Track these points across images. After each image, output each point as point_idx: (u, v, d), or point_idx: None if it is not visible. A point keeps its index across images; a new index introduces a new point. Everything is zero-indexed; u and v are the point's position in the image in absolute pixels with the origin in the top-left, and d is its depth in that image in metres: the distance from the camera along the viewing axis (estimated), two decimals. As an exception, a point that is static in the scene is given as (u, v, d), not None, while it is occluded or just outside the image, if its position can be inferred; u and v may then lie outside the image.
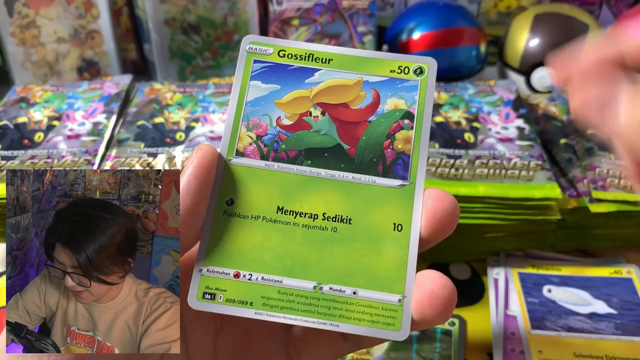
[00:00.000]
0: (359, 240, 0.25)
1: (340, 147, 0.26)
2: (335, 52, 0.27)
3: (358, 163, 0.26)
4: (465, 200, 0.43)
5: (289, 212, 0.25)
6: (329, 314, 0.24)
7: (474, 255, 0.47)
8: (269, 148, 0.26)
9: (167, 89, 0.57)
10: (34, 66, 0.67)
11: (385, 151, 0.26)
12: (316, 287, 0.24)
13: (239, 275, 0.24)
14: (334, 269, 0.24)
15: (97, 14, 0.65)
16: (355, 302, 0.24)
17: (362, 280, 0.24)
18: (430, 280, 0.23)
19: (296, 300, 0.24)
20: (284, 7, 0.65)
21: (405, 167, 0.26)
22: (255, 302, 0.24)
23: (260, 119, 0.26)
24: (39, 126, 0.52)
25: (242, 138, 0.26)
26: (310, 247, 0.25)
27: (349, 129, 0.26)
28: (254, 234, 0.25)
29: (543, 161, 0.46)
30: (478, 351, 0.40)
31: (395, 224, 0.25)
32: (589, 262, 0.46)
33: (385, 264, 0.24)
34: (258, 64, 0.27)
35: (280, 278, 0.24)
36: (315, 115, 0.26)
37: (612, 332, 0.40)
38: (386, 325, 0.24)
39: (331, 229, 0.25)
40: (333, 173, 0.25)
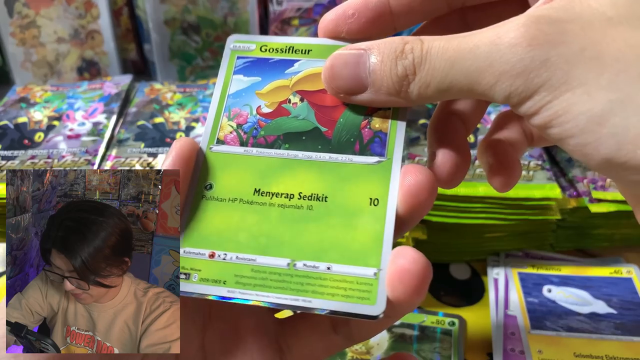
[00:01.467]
0: (335, 216, 0.25)
1: (317, 130, 0.26)
2: (314, 42, 0.27)
3: (335, 143, 0.26)
4: (465, 200, 0.43)
5: (266, 193, 0.25)
6: (301, 290, 0.24)
7: (474, 255, 0.47)
8: (248, 135, 0.26)
9: (167, 89, 0.57)
10: (34, 66, 0.67)
11: (363, 131, 0.26)
12: (290, 263, 0.24)
13: (214, 255, 0.25)
14: (309, 245, 0.24)
15: (97, 14, 0.65)
16: (329, 277, 0.24)
17: (337, 255, 0.24)
18: (402, 256, 0.22)
19: (269, 278, 0.24)
20: (284, 7, 0.65)
21: (382, 144, 0.26)
22: (229, 281, 0.24)
23: (241, 109, 0.27)
24: (39, 126, 0.52)
25: (223, 127, 0.27)
26: (285, 226, 0.25)
27: (326, 112, 0.27)
28: (230, 216, 0.25)
29: (543, 161, 0.46)
30: (478, 351, 0.40)
31: (372, 199, 0.25)
32: (589, 262, 0.46)
33: (361, 238, 0.24)
34: (241, 59, 0.28)
35: (254, 257, 0.25)
36: (294, 102, 0.27)
37: (612, 332, 0.40)
38: (360, 300, 0.23)
39: (307, 207, 0.25)
40: (310, 154, 0.26)
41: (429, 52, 0.22)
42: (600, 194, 0.44)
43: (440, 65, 0.22)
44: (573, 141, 0.20)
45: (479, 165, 0.45)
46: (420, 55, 0.22)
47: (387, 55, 0.23)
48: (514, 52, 0.20)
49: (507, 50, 0.20)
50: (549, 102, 0.20)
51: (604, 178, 0.45)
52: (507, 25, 0.21)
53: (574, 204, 0.45)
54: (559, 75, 0.20)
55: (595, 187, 0.44)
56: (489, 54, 0.21)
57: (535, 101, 0.20)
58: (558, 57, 0.20)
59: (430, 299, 0.44)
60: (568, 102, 0.20)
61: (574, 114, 0.20)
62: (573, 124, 0.20)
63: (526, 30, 0.20)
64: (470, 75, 0.21)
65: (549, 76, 0.20)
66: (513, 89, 0.21)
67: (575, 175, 0.47)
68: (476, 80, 0.21)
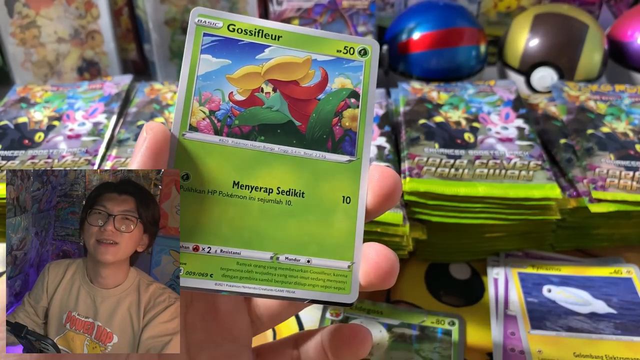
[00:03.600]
0: (312, 213, 0.26)
1: (292, 123, 0.27)
2: (284, 29, 0.27)
3: (309, 139, 0.27)
4: (465, 200, 0.43)
5: (245, 186, 0.26)
6: (285, 281, 0.26)
7: (474, 255, 0.47)
8: (222, 123, 0.26)
9: (168, 89, 0.57)
10: (34, 66, 0.67)
11: (334, 128, 0.27)
12: (273, 257, 0.26)
13: (198, 248, 0.26)
14: (289, 239, 0.26)
15: (97, 14, 0.65)
16: (309, 269, 0.26)
17: (315, 249, 0.26)
18: (375, 253, 0.26)
19: (254, 270, 0.26)
20: (284, 7, 0.65)
21: (352, 143, 0.27)
22: (215, 274, 0.25)
23: (213, 94, 0.27)
24: (39, 126, 0.52)
25: (194, 112, 0.26)
26: (266, 220, 0.26)
27: (299, 106, 0.27)
28: (211, 208, 0.26)
29: (543, 161, 0.46)
30: (478, 351, 0.40)
31: (345, 197, 0.27)
32: (589, 262, 0.46)
33: (336, 233, 0.26)
34: (208, 37, 0.27)
35: (238, 250, 0.26)
36: (267, 91, 0.27)
37: (611, 331, 0.40)
38: (337, 290, 0.26)
39: (286, 202, 0.26)
40: (286, 149, 0.27)
41: None
42: (600, 194, 0.44)
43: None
44: None
45: (479, 165, 0.45)
46: None
47: None
48: None
49: None
50: None
51: (603, 178, 0.45)
52: None
53: (573, 204, 0.45)
54: None
55: (595, 187, 0.44)
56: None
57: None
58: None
59: (430, 299, 0.44)
60: None
61: None
62: None
63: None
64: None
65: None
66: None
67: (575, 175, 0.47)
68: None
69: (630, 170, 0.46)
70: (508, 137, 0.49)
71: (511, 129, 0.50)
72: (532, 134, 0.49)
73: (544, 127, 0.52)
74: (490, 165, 0.45)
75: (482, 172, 0.45)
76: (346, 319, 0.42)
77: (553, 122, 0.52)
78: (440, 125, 0.50)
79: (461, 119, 0.51)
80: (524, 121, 0.50)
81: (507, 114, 0.51)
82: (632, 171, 0.45)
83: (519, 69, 0.63)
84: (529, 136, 0.49)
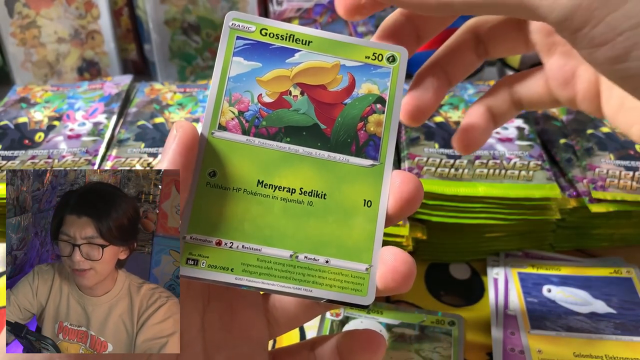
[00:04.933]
0: (333, 214, 0.27)
1: (317, 126, 0.27)
2: (314, 34, 0.28)
3: (334, 142, 0.27)
4: (465, 200, 0.43)
5: (269, 185, 0.27)
6: (303, 280, 0.26)
7: (473, 255, 0.47)
8: (250, 124, 0.27)
9: (168, 89, 0.57)
10: (35, 66, 0.67)
11: (359, 132, 0.27)
12: (292, 255, 0.26)
13: (221, 243, 0.26)
14: (309, 239, 0.27)
15: (97, 14, 0.65)
16: (328, 269, 0.26)
17: (334, 250, 0.27)
18: (393, 257, 0.26)
19: (274, 267, 0.26)
20: (284, 8, 0.65)
21: (376, 148, 0.27)
22: (236, 268, 0.26)
23: (242, 95, 0.27)
24: (39, 126, 0.52)
25: (224, 112, 0.27)
26: (287, 219, 0.27)
27: (326, 109, 0.28)
28: (235, 205, 0.26)
29: (543, 161, 0.46)
30: (478, 351, 0.40)
31: (366, 200, 0.27)
32: (589, 262, 0.46)
33: (355, 236, 0.27)
34: (240, 40, 0.28)
35: (259, 247, 0.26)
36: (295, 94, 0.28)
37: (611, 331, 0.40)
38: (354, 291, 0.26)
39: (307, 202, 0.27)
40: (310, 151, 0.27)
41: None
42: (600, 194, 0.44)
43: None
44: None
45: (478, 165, 0.45)
46: None
47: None
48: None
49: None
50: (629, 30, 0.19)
51: (603, 178, 0.45)
52: None
53: (573, 204, 0.45)
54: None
55: (595, 187, 0.44)
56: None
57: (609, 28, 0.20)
58: None
59: (430, 299, 0.44)
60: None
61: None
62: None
63: None
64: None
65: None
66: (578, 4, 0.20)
67: (575, 175, 0.47)
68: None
69: (630, 170, 0.46)
70: (508, 137, 0.49)
71: (511, 129, 0.50)
72: (532, 134, 0.49)
73: (544, 127, 0.52)
74: (490, 165, 0.45)
75: (482, 172, 0.45)
76: (346, 318, 0.42)
77: (553, 122, 0.52)
78: (440, 125, 0.50)
79: (461, 119, 0.51)
80: (523, 121, 0.50)
81: (507, 114, 0.51)
82: (631, 171, 0.45)
83: (519, 69, 0.63)
84: (529, 136, 0.49)
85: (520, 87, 0.32)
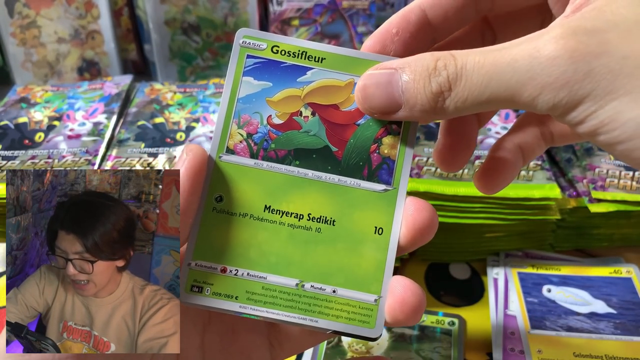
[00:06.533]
0: (341, 241, 0.26)
1: (328, 148, 0.26)
2: (328, 51, 0.27)
3: (345, 166, 0.26)
4: (465, 200, 0.43)
5: (276, 211, 0.26)
6: (309, 310, 0.25)
7: (473, 255, 0.47)
8: (258, 147, 0.26)
9: (168, 89, 0.57)
10: (35, 66, 0.67)
11: (372, 155, 0.26)
12: (298, 284, 0.25)
13: (226, 270, 0.25)
14: (316, 267, 0.26)
15: (97, 14, 0.65)
16: (334, 300, 0.25)
17: (342, 279, 0.26)
18: (402, 288, 0.25)
19: (279, 297, 0.25)
20: (284, 8, 0.65)
21: (389, 172, 0.26)
22: (240, 297, 0.25)
23: (252, 117, 0.26)
24: (39, 126, 0.52)
25: (232, 135, 0.26)
26: (294, 246, 0.26)
27: (337, 131, 0.26)
28: (242, 231, 0.26)
29: (542, 161, 0.46)
30: (478, 351, 0.40)
31: (377, 228, 0.26)
32: (589, 262, 0.46)
33: (364, 265, 0.26)
34: (251, 59, 0.27)
35: (264, 274, 0.25)
36: (306, 115, 0.27)
37: (611, 331, 0.40)
38: (362, 323, 0.25)
39: (315, 229, 0.26)
40: (320, 174, 0.26)
41: (464, 67, 0.22)
42: (599, 194, 0.44)
43: (477, 80, 0.22)
44: (621, 147, 0.21)
45: (479, 165, 0.45)
46: (455, 71, 0.22)
47: (419, 73, 0.23)
48: (555, 65, 0.20)
49: (548, 63, 0.20)
50: (595, 111, 0.20)
51: (603, 178, 0.45)
52: (544, 38, 0.21)
53: (573, 204, 0.45)
54: (603, 85, 0.20)
55: (595, 187, 0.44)
56: (529, 67, 0.21)
57: (580, 111, 0.21)
58: (601, 67, 0.20)
59: (430, 299, 0.45)
60: (615, 110, 0.20)
61: (621, 122, 0.20)
62: (621, 130, 0.20)
63: (565, 43, 0.20)
64: (511, 88, 0.21)
65: (594, 87, 0.20)
66: (557, 101, 0.21)
67: (574, 175, 0.47)
68: (518, 93, 0.21)
69: (630, 170, 0.46)
70: (508, 137, 0.49)
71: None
72: (532, 134, 0.49)
73: (544, 127, 0.52)
74: (490, 165, 0.45)
75: (482, 172, 0.45)
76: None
77: (553, 122, 0.52)
78: (440, 125, 0.50)
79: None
80: (523, 121, 0.50)
81: (507, 114, 0.51)
82: (631, 171, 0.45)
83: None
84: (529, 136, 0.49)
85: (550, 120, 0.30)
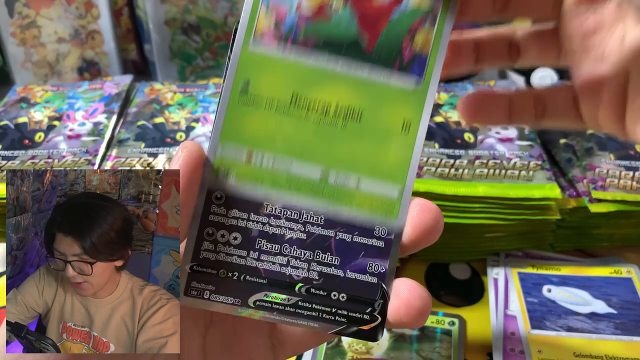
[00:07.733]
0: (367, 137, 0.25)
1: (358, 41, 0.25)
2: None
3: (375, 59, 0.25)
4: (465, 200, 0.43)
5: (302, 104, 0.25)
6: (332, 200, 0.25)
7: (473, 255, 0.47)
8: (287, 35, 0.25)
9: (168, 89, 0.57)
10: (35, 66, 0.67)
11: (404, 50, 0.25)
12: (323, 172, 0.25)
13: (251, 156, 0.25)
14: (341, 158, 0.25)
15: (97, 14, 0.65)
16: (358, 192, 0.25)
17: (366, 170, 0.25)
18: (407, 290, 0.25)
19: (303, 187, 0.25)
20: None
21: (421, 67, 0.25)
22: (265, 181, 0.25)
23: (281, 4, 0.25)
24: (39, 126, 0.52)
25: (260, 21, 0.25)
26: (320, 139, 0.25)
27: (369, 23, 0.25)
28: (267, 122, 0.25)
29: (543, 161, 0.46)
30: (478, 351, 0.40)
31: (404, 124, 0.25)
32: (589, 262, 0.46)
33: (390, 159, 0.25)
34: None
35: (290, 160, 0.25)
36: (337, 6, 0.25)
37: (611, 331, 0.40)
38: (385, 213, 0.25)
39: (341, 125, 0.25)
40: (349, 67, 0.25)
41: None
42: (600, 194, 0.44)
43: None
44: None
45: (478, 165, 0.45)
46: None
47: None
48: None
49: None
50: None
51: (603, 178, 0.45)
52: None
53: (573, 204, 0.45)
54: None
55: (595, 187, 0.44)
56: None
57: None
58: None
59: (430, 299, 0.44)
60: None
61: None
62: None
63: None
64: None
65: None
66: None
67: (575, 175, 0.47)
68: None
69: (630, 170, 0.46)
70: (508, 137, 0.49)
71: (511, 129, 0.50)
72: (532, 133, 0.49)
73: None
74: (490, 165, 0.45)
75: (482, 172, 0.45)
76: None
77: (553, 122, 0.52)
78: (440, 125, 0.50)
79: (461, 119, 0.51)
80: (524, 121, 0.50)
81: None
82: (632, 171, 0.45)
83: (519, 69, 0.63)
84: (529, 136, 0.49)
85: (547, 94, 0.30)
